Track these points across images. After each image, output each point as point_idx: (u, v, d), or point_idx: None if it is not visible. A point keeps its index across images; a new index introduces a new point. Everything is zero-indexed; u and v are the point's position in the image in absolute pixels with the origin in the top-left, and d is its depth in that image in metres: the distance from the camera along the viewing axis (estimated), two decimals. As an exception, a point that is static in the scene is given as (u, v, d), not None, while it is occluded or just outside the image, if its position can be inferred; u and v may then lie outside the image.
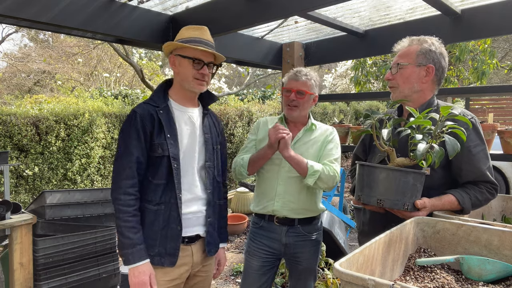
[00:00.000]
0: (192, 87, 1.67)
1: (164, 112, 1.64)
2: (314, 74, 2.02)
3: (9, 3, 1.97)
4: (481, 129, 1.58)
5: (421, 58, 1.58)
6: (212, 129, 1.80)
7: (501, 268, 1.06)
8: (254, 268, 2.04)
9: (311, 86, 1.98)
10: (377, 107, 12.23)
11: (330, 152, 1.99)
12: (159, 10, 2.65)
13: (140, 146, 1.57)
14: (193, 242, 1.70)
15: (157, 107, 1.63)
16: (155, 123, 1.60)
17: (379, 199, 1.37)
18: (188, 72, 1.65)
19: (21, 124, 4.95)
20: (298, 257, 2.03)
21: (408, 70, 1.59)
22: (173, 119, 1.66)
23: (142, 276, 1.50)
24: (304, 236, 2.02)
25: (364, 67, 7.28)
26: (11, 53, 15.46)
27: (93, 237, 3.00)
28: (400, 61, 1.61)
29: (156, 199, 1.60)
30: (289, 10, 2.10)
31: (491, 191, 1.53)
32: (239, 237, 5.17)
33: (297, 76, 1.97)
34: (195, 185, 1.70)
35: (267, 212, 2.02)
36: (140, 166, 1.58)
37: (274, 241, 2.02)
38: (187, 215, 1.66)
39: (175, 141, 1.63)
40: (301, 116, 2.03)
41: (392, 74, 1.65)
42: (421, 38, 1.62)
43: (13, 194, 4.87)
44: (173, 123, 1.65)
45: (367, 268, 1.02)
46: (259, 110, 8.45)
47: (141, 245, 1.54)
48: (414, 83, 1.59)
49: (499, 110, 8.17)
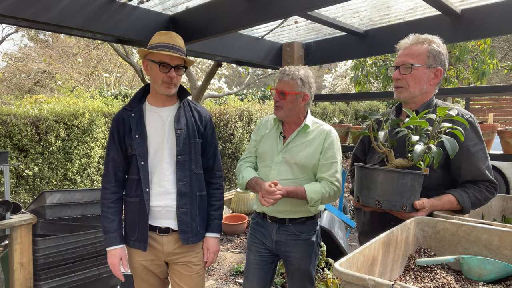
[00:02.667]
0: (161, 90, 1.80)
1: (135, 115, 1.83)
2: (303, 72, 1.93)
3: (9, 3, 1.97)
4: (480, 128, 1.58)
5: (431, 60, 1.56)
6: (190, 123, 1.87)
7: (501, 268, 1.06)
8: (253, 263, 2.09)
9: (294, 85, 1.90)
10: (377, 107, 12.24)
11: (329, 160, 1.90)
12: (159, 10, 2.65)
13: (115, 146, 1.83)
14: (165, 233, 1.85)
15: (130, 111, 1.84)
16: (126, 126, 1.82)
17: (377, 200, 1.37)
18: (157, 76, 1.78)
19: (21, 124, 4.95)
20: (290, 256, 2.02)
21: (419, 71, 1.56)
22: (143, 120, 1.84)
23: (112, 258, 1.82)
24: (296, 235, 1.99)
25: (364, 67, 7.28)
26: (11, 53, 15.47)
27: (93, 237, 3.00)
28: (412, 61, 1.56)
29: (132, 192, 1.84)
30: (289, 10, 2.10)
31: (491, 190, 1.52)
32: (239, 237, 5.17)
33: (281, 75, 1.93)
34: (166, 179, 1.83)
35: (260, 211, 2.07)
36: (116, 164, 1.84)
37: (267, 237, 2.05)
38: (156, 208, 1.83)
39: (143, 140, 1.81)
40: (289, 116, 1.96)
41: (402, 74, 1.59)
42: (428, 38, 1.59)
43: (13, 194, 4.87)
44: (143, 124, 1.83)
45: (367, 268, 1.02)
46: (259, 110, 8.45)
47: (114, 233, 1.82)
48: (424, 84, 1.57)
49: (499, 110, 8.17)
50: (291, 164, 1.94)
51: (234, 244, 4.95)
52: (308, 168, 1.93)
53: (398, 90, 1.63)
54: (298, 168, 1.94)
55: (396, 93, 1.64)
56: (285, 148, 1.96)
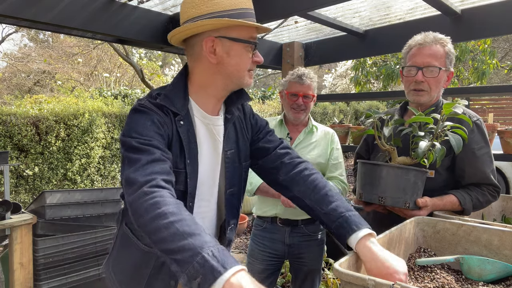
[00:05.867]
0: (246, 82, 1.17)
1: (185, 124, 1.12)
2: (314, 75, 2.04)
3: (9, 3, 1.97)
4: (486, 132, 1.56)
5: (449, 63, 1.52)
6: (240, 138, 1.27)
7: (501, 268, 1.06)
8: (258, 271, 2.04)
9: (314, 88, 2.02)
10: (377, 107, 12.24)
11: (337, 160, 2.03)
12: (159, 10, 2.65)
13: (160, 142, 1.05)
14: None
15: (176, 115, 1.11)
16: (174, 138, 1.10)
17: (380, 196, 1.37)
18: (245, 62, 1.14)
19: (21, 124, 4.95)
20: (303, 258, 2.01)
21: (441, 74, 1.50)
22: (194, 135, 1.15)
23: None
24: (309, 236, 2.01)
25: (364, 67, 7.28)
26: (11, 53, 15.46)
27: (93, 237, 2.99)
28: (437, 64, 1.48)
29: None
30: (289, 10, 2.10)
31: (493, 193, 1.52)
32: (239, 237, 5.17)
33: (302, 79, 1.98)
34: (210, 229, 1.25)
35: (270, 215, 2.02)
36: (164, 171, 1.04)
37: (277, 242, 2.01)
38: None
39: (194, 168, 1.14)
40: (305, 119, 2.06)
41: (425, 76, 1.49)
42: (444, 38, 1.53)
43: (13, 194, 4.87)
44: (194, 140, 1.14)
45: (367, 268, 1.02)
46: (259, 110, 8.45)
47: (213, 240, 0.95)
48: (440, 87, 1.54)
49: (499, 110, 8.17)
50: None
51: (234, 244, 4.95)
52: (319, 167, 2.00)
53: (419, 94, 1.52)
54: None
55: (416, 96, 1.53)
56: (294, 149, 1.98)
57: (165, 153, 1.02)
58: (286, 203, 1.80)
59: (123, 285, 1.22)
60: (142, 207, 0.88)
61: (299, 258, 2.02)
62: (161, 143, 1.04)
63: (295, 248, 2.00)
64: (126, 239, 1.23)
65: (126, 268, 1.22)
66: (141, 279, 1.17)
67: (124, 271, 1.23)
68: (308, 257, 2.01)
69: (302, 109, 1.98)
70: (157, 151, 1.00)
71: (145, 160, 0.96)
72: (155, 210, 0.86)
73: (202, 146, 1.17)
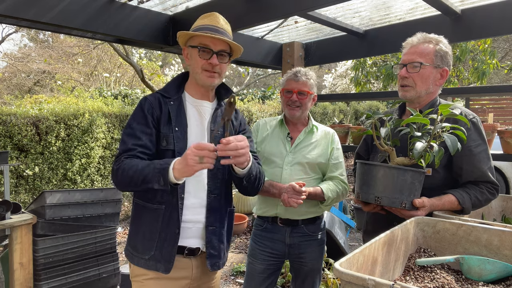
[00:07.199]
0: (201, 80, 1.50)
1: (174, 104, 1.51)
2: (313, 74, 2.03)
3: (9, 3, 1.97)
4: (483, 129, 1.57)
5: (439, 60, 1.55)
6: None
7: (501, 268, 1.06)
8: (258, 271, 2.04)
9: (311, 85, 2.00)
10: (377, 107, 12.25)
11: (338, 160, 2.03)
12: (159, 10, 2.65)
13: (147, 132, 1.46)
14: (194, 255, 1.52)
15: (167, 98, 1.52)
16: (163, 113, 1.49)
17: (377, 196, 1.37)
18: (197, 63, 1.49)
19: (21, 124, 4.95)
20: (303, 258, 2.01)
21: (427, 70, 1.54)
22: (184, 112, 1.53)
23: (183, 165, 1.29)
24: (309, 236, 2.01)
25: (364, 67, 7.28)
26: (11, 53, 15.46)
27: (93, 237, 3.00)
28: (420, 60, 1.53)
29: (156, 197, 1.46)
30: (289, 10, 2.10)
31: (492, 191, 1.52)
32: (239, 237, 5.17)
33: (297, 76, 1.98)
34: (202, 189, 1.52)
35: (270, 215, 2.02)
36: (146, 154, 1.46)
37: (278, 242, 2.01)
38: (187, 223, 1.49)
39: (183, 135, 1.49)
40: (302, 117, 2.04)
41: (409, 72, 1.56)
42: (436, 37, 1.58)
43: (13, 194, 4.87)
44: (184, 115, 1.51)
45: (367, 268, 1.02)
46: (259, 110, 8.45)
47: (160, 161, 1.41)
48: (430, 84, 1.56)
49: (499, 110, 8.17)
50: (303, 164, 1.97)
51: (234, 244, 4.96)
52: (319, 167, 2.00)
53: (404, 89, 1.59)
54: (310, 168, 1.99)
55: (402, 92, 1.60)
56: (294, 148, 1.99)
57: (145, 134, 1.48)
58: (287, 203, 1.80)
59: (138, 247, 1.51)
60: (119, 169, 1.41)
61: (299, 258, 2.02)
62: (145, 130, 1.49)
63: (296, 248, 2.00)
64: (138, 210, 1.54)
65: (142, 231, 1.51)
66: (153, 235, 1.47)
67: (139, 234, 1.52)
68: (309, 257, 2.01)
69: (297, 105, 1.97)
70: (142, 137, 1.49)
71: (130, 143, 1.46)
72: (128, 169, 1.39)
73: (191, 120, 1.54)
